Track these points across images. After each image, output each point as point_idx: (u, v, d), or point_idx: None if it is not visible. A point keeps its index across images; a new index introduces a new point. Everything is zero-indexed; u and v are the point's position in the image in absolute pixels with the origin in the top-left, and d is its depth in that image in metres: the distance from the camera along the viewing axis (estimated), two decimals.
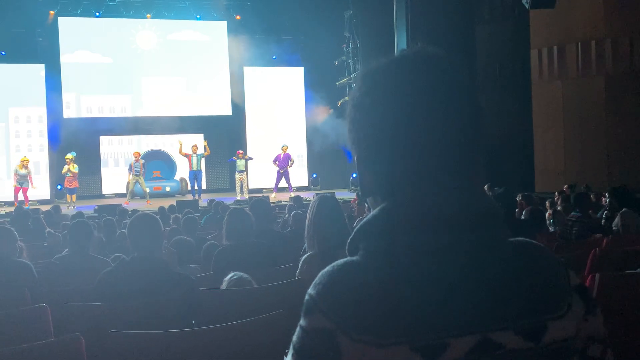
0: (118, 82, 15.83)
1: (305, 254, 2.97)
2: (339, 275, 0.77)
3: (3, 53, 14.74)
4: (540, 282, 0.78)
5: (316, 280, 0.79)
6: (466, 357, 0.72)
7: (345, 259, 0.80)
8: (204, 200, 11.59)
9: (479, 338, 0.73)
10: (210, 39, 16.59)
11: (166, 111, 15.91)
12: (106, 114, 15.70)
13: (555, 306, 0.77)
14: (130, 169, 13.46)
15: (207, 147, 14.15)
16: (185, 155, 13.67)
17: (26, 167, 12.71)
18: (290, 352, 0.79)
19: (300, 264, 2.91)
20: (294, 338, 0.79)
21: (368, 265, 0.77)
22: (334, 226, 2.82)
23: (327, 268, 0.79)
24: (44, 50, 15.01)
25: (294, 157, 14.76)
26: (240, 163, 13.96)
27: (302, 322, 0.78)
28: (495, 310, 0.74)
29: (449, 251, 0.75)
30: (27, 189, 12.79)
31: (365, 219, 0.81)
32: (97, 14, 15.59)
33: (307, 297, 0.78)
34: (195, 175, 13.70)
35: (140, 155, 13.69)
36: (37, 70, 15.07)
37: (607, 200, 5.93)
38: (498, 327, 0.74)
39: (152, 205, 11.99)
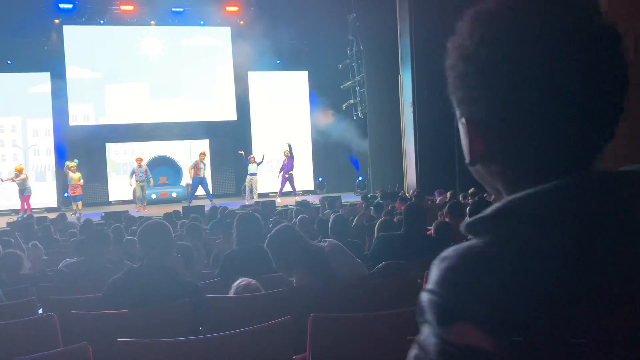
0: (122, 89, 15.92)
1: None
2: (486, 268, 0.58)
3: (9, 62, 14.85)
4: None
5: (445, 273, 0.60)
6: None
7: (478, 244, 0.61)
8: (206, 206, 11.62)
9: None
10: (214, 44, 16.65)
11: (171, 117, 15.98)
12: (112, 121, 15.78)
13: None
14: (132, 174, 13.51)
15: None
16: (195, 166, 13.68)
17: (20, 173, 12.77)
18: None
19: (295, 281, 2.92)
20: (433, 355, 0.59)
21: (524, 256, 0.58)
22: (298, 249, 2.87)
23: (457, 256, 0.61)
24: (49, 59, 15.12)
25: (297, 162, 14.78)
26: (251, 166, 14.02)
27: (441, 332, 0.58)
28: None
29: (628, 256, 0.58)
30: (29, 196, 12.86)
31: (521, 195, 0.62)
32: (102, 22, 15.69)
33: (434, 296, 0.60)
34: (201, 181, 13.68)
35: (142, 160, 13.73)
36: (43, 79, 15.18)
37: None
38: None
39: (149, 212, 12.03)
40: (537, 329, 0.55)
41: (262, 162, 14.19)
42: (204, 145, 15.96)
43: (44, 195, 14.44)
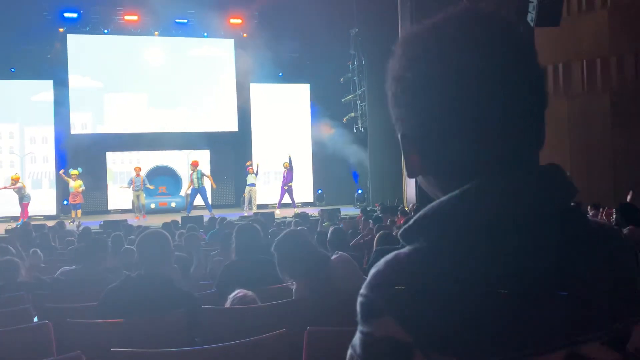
0: (125, 99, 15.97)
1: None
2: (405, 272, 0.65)
3: (12, 69, 14.92)
4: (623, 276, 0.67)
5: (373, 278, 0.67)
6: None
7: (404, 251, 0.68)
8: (205, 217, 11.58)
9: (565, 354, 0.62)
10: (217, 56, 16.74)
11: (173, 127, 16.02)
12: (113, 130, 15.80)
13: (638, 305, 0.67)
14: (130, 183, 13.49)
15: (212, 182, 14.08)
16: (190, 177, 13.64)
17: (16, 182, 12.76)
18: None
19: (294, 287, 2.91)
20: (357, 348, 0.66)
21: (436, 261, 0.65)
22: (304, 258, 2.85)
23: (384, 263, 0.67)
24: (52, 67, 15.18)
25: (297, 174, 14.73)
26: (250, 177, 13.99)
27: (364, 328, 0.65)
28: (581, 319, 0.64)
29: (536, 251, 0.65)
30: (28, 203, 12.85)
31: (436, 203, 0.68)
32: (106, 31, 15.79)
33: (363, 298, 0.66)
34: (197, 192, 13.54)
35: (140, 170, 13.71)
36: (46, 87, 15.23)
37: (615, 216, 5.90)
38: (584, 339, 0.63)
39: (148, 222, 12.00)
40: (445, 322, 0.61)
41: (257, 173, 14.17)
42: (204, 156, 15.97)
43: (41, 203, 14.37)
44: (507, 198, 0.65)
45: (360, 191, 16.05)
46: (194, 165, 13.72)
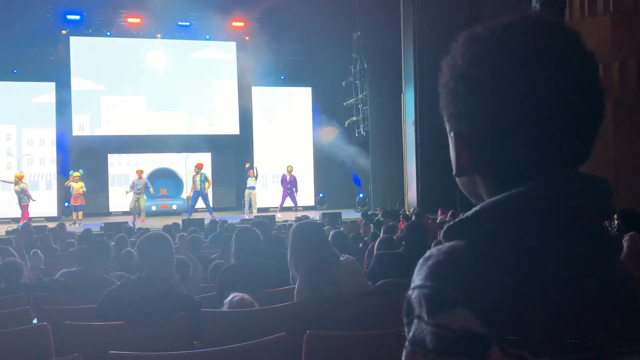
0: (127, 101, 15.99)
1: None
2: (474, 264, 0.64)
3: (15, 71, 14.94)
4: None
5: (434, 268, 0.65)
6: None
7: (460, 245, 0.67)
8: (206, 220, 11.56)
9: None
10: (219, 59, 16.77)
11: (174, 130, 16.03)
12: (115, 132, 15.81)
13: None
14: (132, 186, 13.47)
15: (207, 186, 13.89)
16: (192, 180, 13.62)
17: (18, 183, 12.73)
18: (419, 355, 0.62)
19: (297, 283, 2.89)
20: (428, 343, 0.62)
21: (502, 256, 0.65)
22: (316, 251, 2.84)
23: (444, 254, 0.66)
24: (55, 69, 15.21)
25: (299, 177, 14.70)
26: (250, 180, 13.99)
27: (435, 320, 0.62)
28: (623, 330, 0.65)
29: (588, 258, 0.67)
30: (27, 205, 12.83)
31: (492, 201, 0.68)
32: (108, 33, 15.83)
33: (427, 290, 0.64)
34: (199, 194, 13.52)
35: (142, 172, 13.69)
36: (48, 89, 15.26)
37: (616, 222, 5.87)
38: (628, 350, 0.64)
39: (148, 224, 11.99)
40: (521, 315, 0.61)
41: (256, 176, 14.15)
42: (206, 158, 15.96)
43: (40, 205, 14.32)
44: (564, 204, 0.66)
45: (361, 195, 16.04)
46: (199, 167, 13.73)
